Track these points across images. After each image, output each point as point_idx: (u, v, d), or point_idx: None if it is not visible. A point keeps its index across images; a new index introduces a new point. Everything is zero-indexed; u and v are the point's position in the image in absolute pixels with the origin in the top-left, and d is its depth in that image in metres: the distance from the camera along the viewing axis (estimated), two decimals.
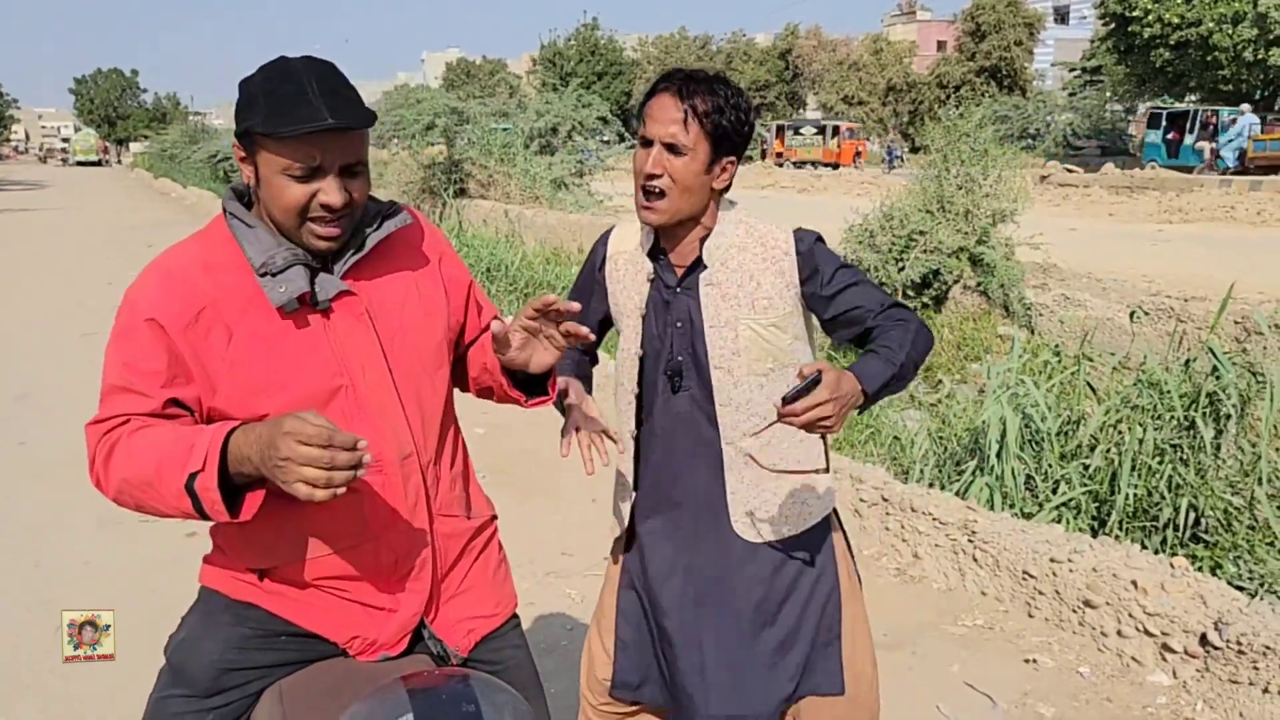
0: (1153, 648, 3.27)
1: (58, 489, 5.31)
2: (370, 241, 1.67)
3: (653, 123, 1.93)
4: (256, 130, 1.53)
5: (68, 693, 3.37)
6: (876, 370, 1.88)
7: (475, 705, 1.17)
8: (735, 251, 2.02)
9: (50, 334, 9.48)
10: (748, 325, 2.01)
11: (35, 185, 41.81)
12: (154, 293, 1.59)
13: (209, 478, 1.43)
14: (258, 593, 1.71)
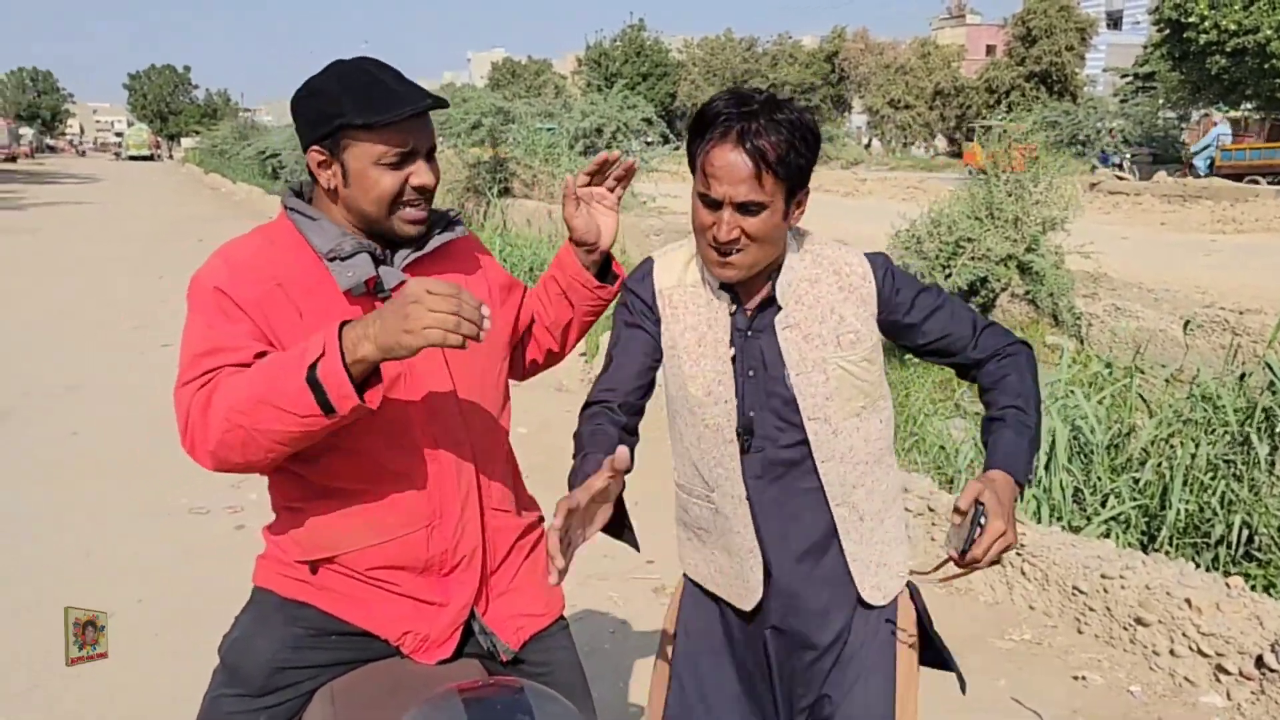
0: (1206, 668, 3.19)
1: (108, 480, 5.39)
2: (433, 243, 1.71)
3: (717, 183, 1.66)
4: (354, 124, 1.57)
5: (114, 676, 3.41)
6: (1018, 452, 1.70)
7: (530, 716, 1.16)
8: (808, 285, 1.80)
9: (101, 326, 9.64)
10: (837, 365, 1.78)
11: (89, 179, 42.61)
12: (223, 273, 1.61)
13: (332, 361, 1.41)
14: (310, 590, 1.72)
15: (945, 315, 1.83)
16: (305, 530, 1.70)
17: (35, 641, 3.64)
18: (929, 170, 36.21)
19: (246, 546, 4.53)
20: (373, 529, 1.68)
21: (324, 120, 1.59)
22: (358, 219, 1.66)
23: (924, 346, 1.84)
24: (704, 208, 1.71)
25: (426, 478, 1.68)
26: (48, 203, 27.29)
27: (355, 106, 1.57)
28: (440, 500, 1.70)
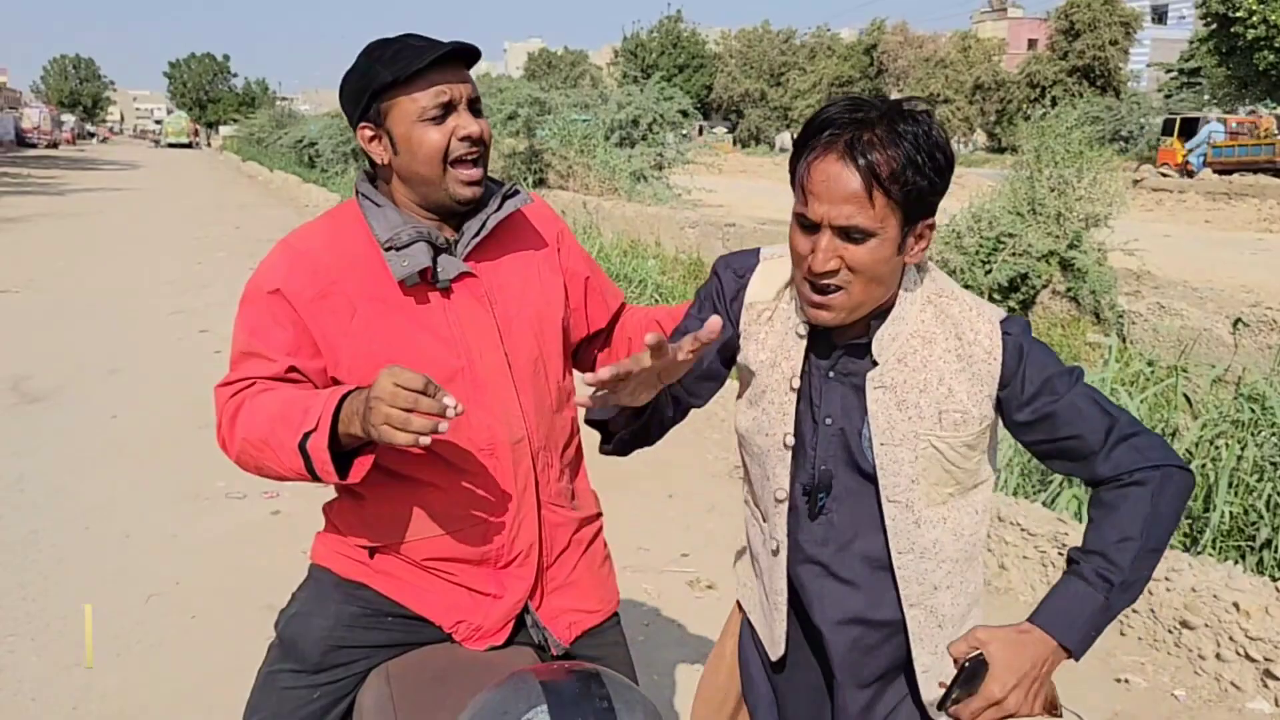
0: (1254, 673, 3.12)
1: (147, 462, 5.44)
2: (491, 223, 1.68)
3: (817, 201, 1.39)
4: (385, 83, 1.57)
5: (153, 656, 3.44)
6: (1078, 610, 1.38)
7: (609, 702, 1.15)
8: (919, 344, 1.50)
9: (141, 311, 9.74)
10: (930, 444, 1.50)
11: (129, 165, 43.16)
12: (282, 269, 1.64)
13: (320, 437, 1.46)
14: (367, 572, 1.72)
15: (1073, 412, 1.46)
16: (364, 517, 1.71)
17: (78, 622, 3.68)
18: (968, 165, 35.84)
19: (283, 531, 4.58)
20: (430, 521, 1.68)
21: (361, 92, 1.61)
22: (416, 190, 1.64)
23: (1041, 444, 1.51)
24: (800, 232, 1.44)
25: (484, 473, 1.67)
26: (88, 189, 27.67)
27: (384, 68, 1.58)
28: (497, 496, 1.69)
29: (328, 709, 1.70)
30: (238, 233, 16.90)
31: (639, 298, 9.90)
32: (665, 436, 1.66)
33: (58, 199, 23.72)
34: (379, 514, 1.69)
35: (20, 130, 64.85)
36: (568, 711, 1.13)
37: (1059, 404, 1.46)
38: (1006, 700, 1.32)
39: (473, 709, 1.18)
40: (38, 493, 4.95)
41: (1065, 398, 1.46)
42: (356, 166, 25.31)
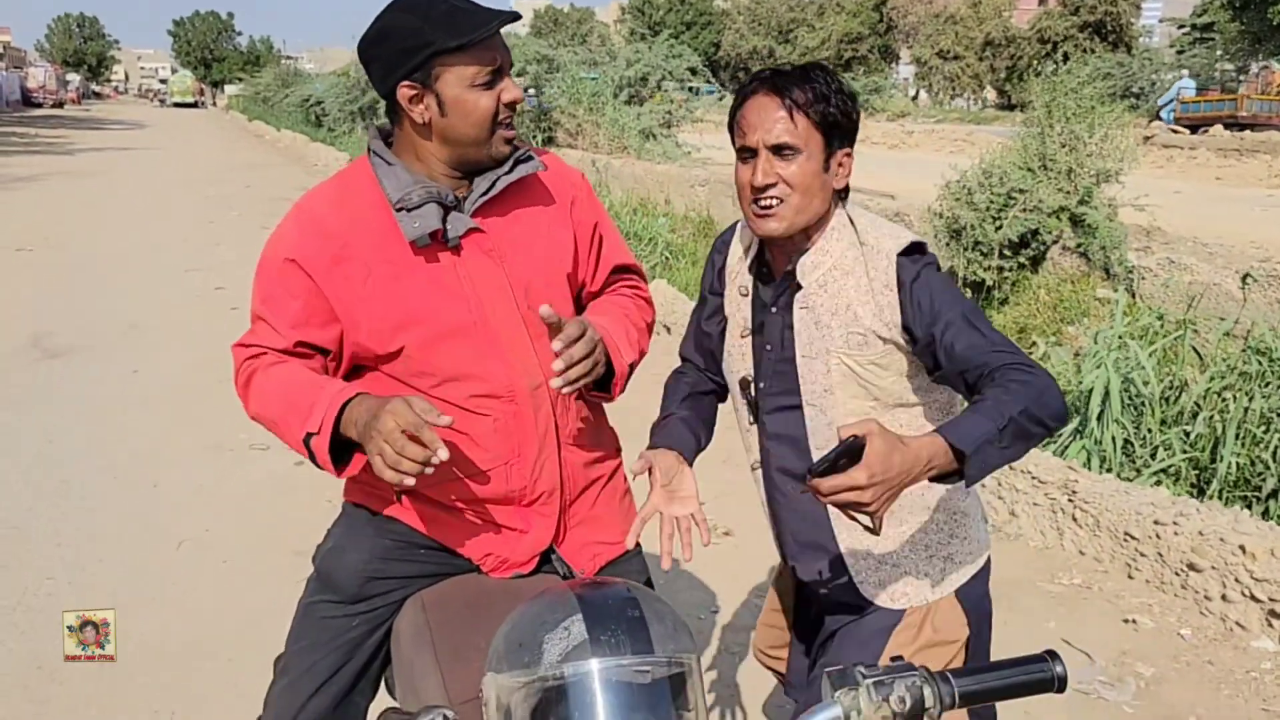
0: (1259, 613, 3.21)
1: (170, 415, 5.54)
2: (501, 183, 1.71)
3: (751, 129, 1.67)
4: (446, 48, 1.58)
5: (187, 600, 3.55)
6: (972, 426, 1.45)
7: (639, 612, 1.21)
8: (839, 275, 1.72)
9: (155, 268, 9.82)
10: (840, 359, 1.71)
11: (135, 125, 43.01)
12: (294, 236, 1.69)
13: (323, 441, 1.56)
14: (398, 509, 1.80)
15: (967, 336, 1.61)
16: None
17: (112, 566, 3.79)
18: (977, 123, 35.58)
19: (306, 481, 4.68)
20: (455, 465, 1.72)
21: (412, 52, 1.59)
22: (453, 150, 1.67)
23: (943, 370, 1.65)
24: (742, 166, 1.70)
25: (506, 419, 1.73)
26: (96, 148, 27.61)
27: (445, 32, 1.58)
28: (519, 440, 1.75)
29: (366, 636, 1.79)
30: (248, 191, 16.92)
31: (650, 255, 9.94)
32: None
33: (67, 158, 23.71)
34: None
35: (26, 90, 64.56)
36: (600, 620, 1.19)
37: (963, 331, 1.61)
38: (865, 490, 1.33)
39: (511, 621, 1.25)
40: (66, 444, 5.06)
41: (963, 321, 1.62)
42: (363, 126, 25.20)
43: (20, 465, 4.76)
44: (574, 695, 1.16)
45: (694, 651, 1.24)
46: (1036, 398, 1.50)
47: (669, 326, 6.88)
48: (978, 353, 1.58)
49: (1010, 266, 9.01)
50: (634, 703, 1.16)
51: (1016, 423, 1.47)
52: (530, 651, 1.19)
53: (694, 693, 1.22)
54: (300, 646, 1.80)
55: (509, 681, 1.19)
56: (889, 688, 1.07)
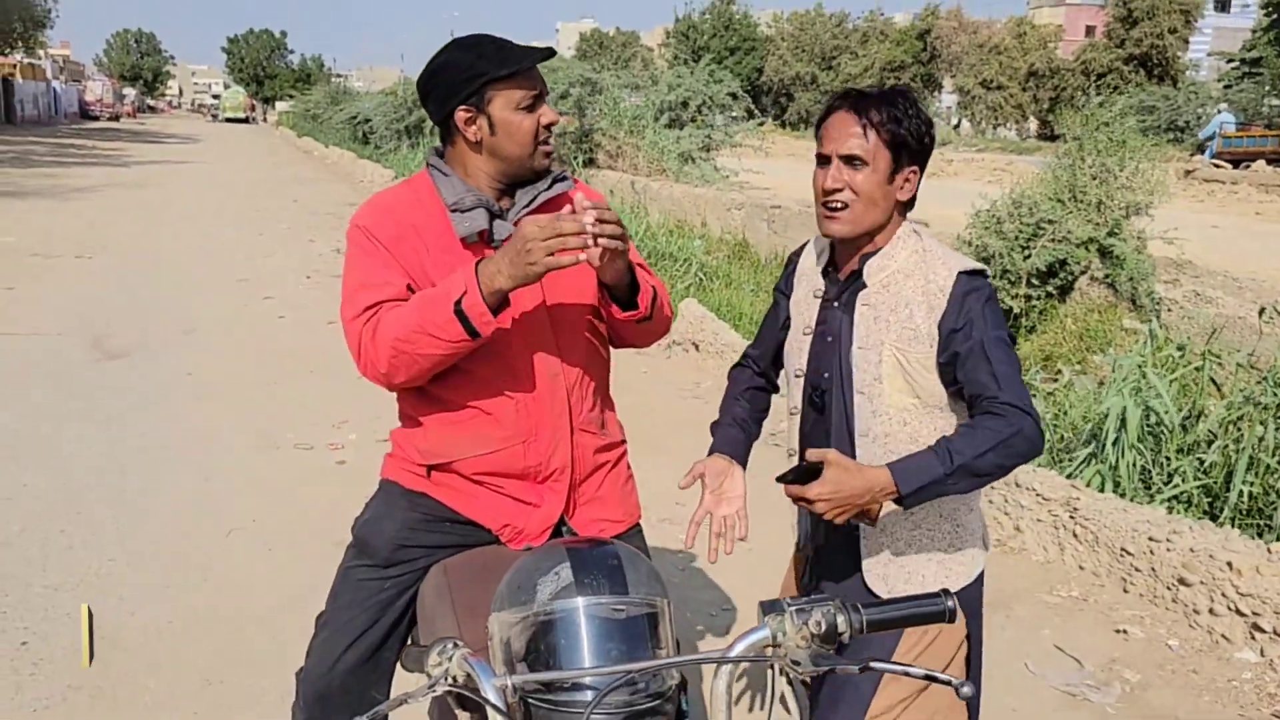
0: (1243, 626, 3.37)
1: (221, 414, 5.85)
2: (541, 198, 2.01)
3: (829, 140, 1.92)
4: (498, 76, 1.89)
5: (238, 575, 3.82)
6: (920, 469, 1.76)
7: (618, 560, 1.46)
8: (900, 277, 1.95)
9: (210, 277, 10.21)
10: (891, 352, 1.92)
11: (188, 139, 44.07)
12: (370, 218, 2.01)
13: (474, 296, 1.78)
14: (428, 484, 2.06)
15: (985, 368, 1.84)
16: (424, 440, 2.04)
17: (166, 550, 4.07)
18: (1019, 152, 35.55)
19: (348, 478, 4.97)
20: (478, 441, 2.00)
21: (468, 81, 1.91)
22: (499, 164, 1.97)
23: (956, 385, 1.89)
24: (818, 171, 1.95)
25: (524, 399, 2.00)
26: (151, 161, 28.42)
27: (495, 63, 1.90)
28: (536, 419, 2.01)
29: (395, 598, 2.05)
30: (296, 205, 17.41)
31: (683, 276, 10.18)
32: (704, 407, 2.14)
33: (123, 170, 24.46)
34: (436, 437, 2.02)
35: (84, 103, 66.34)
36: (585, 567, 1.44)
37: (985, 362, 1.84)
38: (815, 504, 1.75)
39: (513, 569, 1.50)
40: (125, 437, 5.38)
41: (989, 353, 1.84)
42: (409, 143, 25.73)
43: (84, 457, 5.07)
44: (561, 628, 1.40)
45: (665, 596, 1.48)
46: (1000, 444, 1.77)
47: (697, 344, 7.11)
48: (979, 381, 1.83)
49: (1038, 295, 9.15)
50: (612, 634, 1.40)
51: (968, 467, 1.77)
52: (526, 592, 1.44)
53: (665, 632, 1.46)
54: (338, 605, 2.07)
55: (509, 618, 1.44)
56: (808, 614, 1.30)
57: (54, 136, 39.55)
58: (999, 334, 1.87)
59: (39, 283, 9.60)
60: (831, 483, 1.74)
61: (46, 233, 12.83)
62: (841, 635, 1.30)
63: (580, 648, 1.38)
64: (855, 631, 1.31)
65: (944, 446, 1.78)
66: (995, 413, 1.80)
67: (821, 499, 1.75)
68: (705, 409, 2.00)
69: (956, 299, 1.88)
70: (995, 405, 1.80)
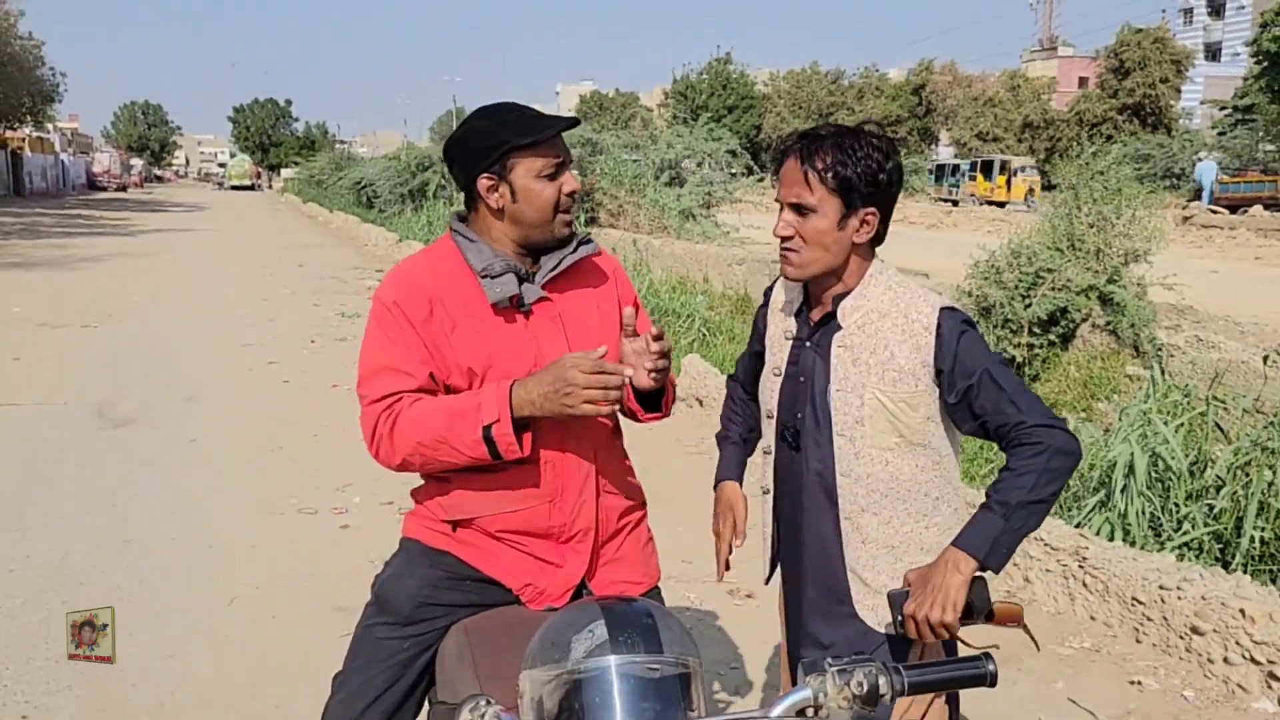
0: (1259, 675, 3.32)
1: (225, 481, 5.84)
2: (566, 261, 2.05)
3: (781, 186, 1.97)
4: (519, 145, 1.94)
5: (242, 643, 3.79)
6: (982, 532, 1.83)
7: (652, 620, 1.45)
8: (876, 317, 1.96)
9: (214, 343, 10.26)
10: (874, 394, 1.93)
11: (194, 207, 44.55)
12: (396, 291, 2.02)
13: (505, 425, 1.85)
14: (450, 542, 2.06)
15: (997, 398, 1.88)
16: (449, 497, 2.05)
17: (169, 620, 4.04)
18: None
19: (353, 543, 4.94)
20: (505, 500, 2.01)
21: (491, 149, 1.96)
22: (521, 230, 2.01)
23: (969, 421, 1.93)
24: (778, 215, 1.99)
25: (552, 459, 2.01)
26: (158, 229, 28.70)
27: (516, 132, 1.94)
28: (563, 479, 2.02)
29: (415, 658, 2.03)
30: (301, 270, 17.53)
31: (687, 331, 10.21)
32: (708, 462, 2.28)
33: (129, 239, 24.69)
34: (461, 495, 2.03)
35: (91, 174, 67.17)
36: (619, 625, 1.42)
37: (994, 392, 1.89)
38: (918, 614, 1.84)
39: (545, 626, 1.49)
40: (129, 506, 5.37)
41: (996, 382, 1.89)
42: (413, 207, 26.01)
43: (87, 528, 5.06)
44: (595, 687, 1.38)
45: (697, 656, 1.46)
46: (1043, 471, 1.83)
47: (700, 399, 7.11)
48: (1001, 411, 1.87)
49: (1040, 344, 9.15)
50: (646, 694, 1.38)
51: (1024, 506, 1.83)
52: (560, 650, 1.42)
53: (696, 692, 1.44)
54: (357, 664, 2.05)
55: (541, 675, 1.42)
56: (850, 674, 1.28)
57: (62, 208, 39.99)
58: (997, 358, 1.93)
59: (45, 352, 9.65)
60: (918, 591, 1.84)
61: (53, 302, 12.92)
62: (883, 697, 1.28)
63: (613, 706, 1.36)
64: (897, 693, 1.29)
65: (994, 500, 1.85)
66: (1026, 442, 1.85)
67: (920, 607, 1.83)
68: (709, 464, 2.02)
69: (945, 336, 1.91)
70: (1024, 432, 1.85)
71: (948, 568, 1.84)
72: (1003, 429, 1.88)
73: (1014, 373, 1.94)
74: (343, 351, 9.78)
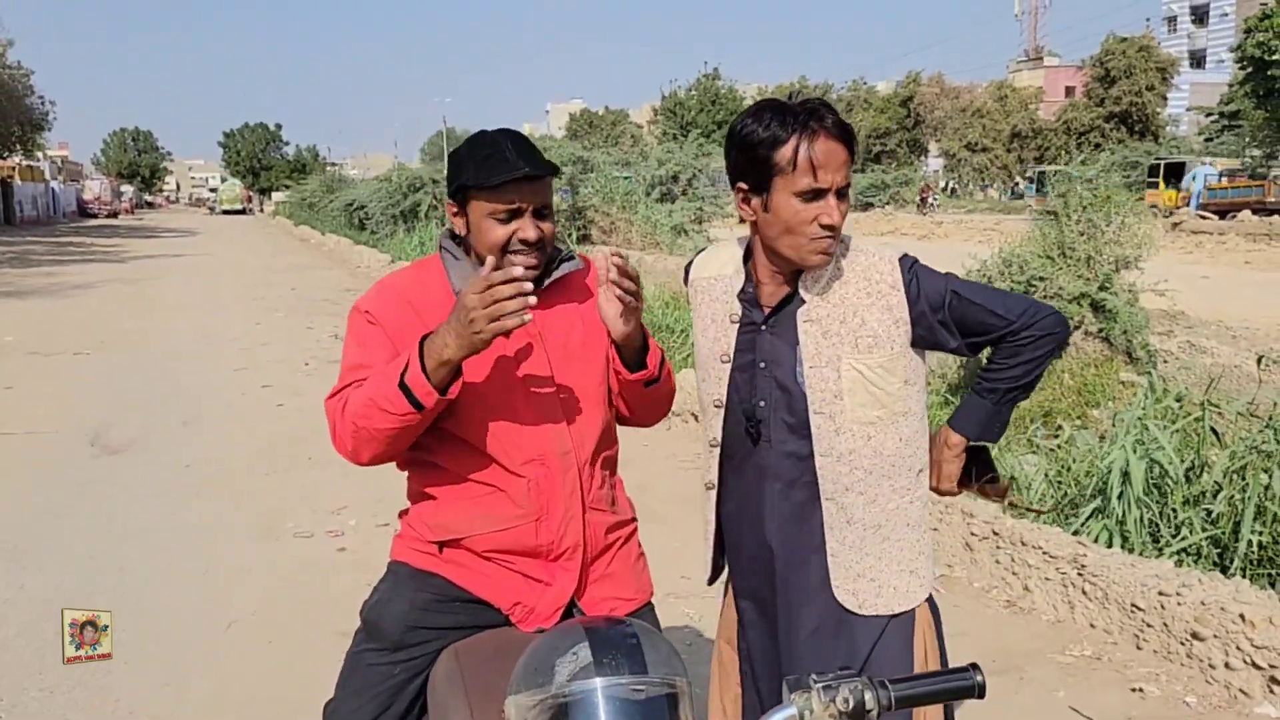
0: (1260, 680, 3.31)
1: (221, 505, 5.81)
2: (548, 280, 2.03)
3: (824, 171, 1.79)
4: (469, 185, 1.93)
5: (239, 668, 3.76)
6: (974, 416, 1.97)
7: (636, 640, 1.43)
8: (837, 285, 1.89)
9: (207, 368, 10.24)
10: (850, 365, 1.87)
11: (186, 232, 44.54)
12: (371, 300, 2.04)
13: (414, 369, 1.80)
14: (438, 563, 2.04)
15: (980, 310, 1.90)
16: (436, 517, 2.03)
17: (166, 645, 4.01)
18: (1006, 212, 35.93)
19: (349, 566, 4.91)
20: (490, 518, 1.99)
21: (453, 179, 1.98)
22: (483, 259, 1.98)
23: (966, 341, 1.93)
24: (803, 205, 1.81)
25: (537, 477, 1.99)
26: (149, 255, 28.70)
27: (474, 171, 1.93)
28: (549, 498, 2.00)
29: (406, 683, 2.01)
30: (293, 294, 17.51)
31: (681, 347, 10.20)
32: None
33: (120, 265, 24.67)
34: (448, 514, 2.02)
35: (82, 201, 67.19)
36: (603, 647, 1.41)
37: (973, 305, 1.91)
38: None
39: (529, 650, 1.47)
40: (124, 533, 5.34)
41: (973, 296, 1.92)
42: (405, 228, 26.04)
43: (82, 556, 5.03)
44: (581, 710, 1.36)
45: (684, 676, 1.45)
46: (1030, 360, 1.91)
47: (696, 415, 7.10)
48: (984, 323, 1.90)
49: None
50: (632, 715, 1.37)
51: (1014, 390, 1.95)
52: (544, 674, 1.40)
53: (684, 712, 1.43)
54: (348, 691, 2.02)
55: (526, 700, 1.40)
56: (835, 690, 1.27)
57: (52, 236, 39.98)
58: (955, 277, 1.95)
59: (37, 381, 9.62)
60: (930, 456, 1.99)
61: (45, 330, 12.89)
62: (869, 712, 1.27)
63: None
64: (883, 708, 1.27)
65: (984, 386, 1.97)
66: (1014, 341, 1.91)
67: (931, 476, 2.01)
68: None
69: (909, 286, 1.89)
70: (1011, 335, 1.90)
71: (943, 446, 1.99)
72: (992, 339, 1.93)
73: (971, 281, 1.96)
74: (337, 374, 9.72)
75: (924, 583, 2.00)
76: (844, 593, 1.96)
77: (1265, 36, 31.71)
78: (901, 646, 1.96)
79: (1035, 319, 1.89)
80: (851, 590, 1.95)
